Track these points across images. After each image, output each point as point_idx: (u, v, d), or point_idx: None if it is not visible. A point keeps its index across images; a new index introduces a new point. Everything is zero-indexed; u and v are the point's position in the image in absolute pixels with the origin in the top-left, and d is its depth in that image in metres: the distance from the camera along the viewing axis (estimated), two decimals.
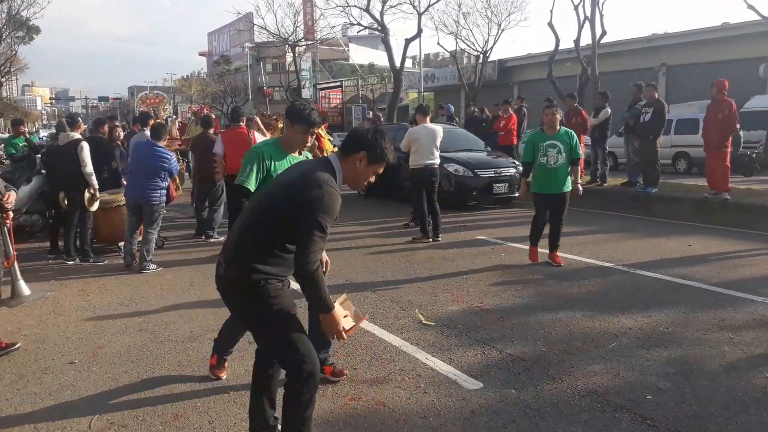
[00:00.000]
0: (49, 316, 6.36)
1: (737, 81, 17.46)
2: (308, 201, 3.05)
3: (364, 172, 3.39)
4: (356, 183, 3.49)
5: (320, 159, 3.48)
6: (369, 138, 3.36)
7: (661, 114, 12.16)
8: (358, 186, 3.58)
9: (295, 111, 4.27)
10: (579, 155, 7.98)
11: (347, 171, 3.37)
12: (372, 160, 3.36)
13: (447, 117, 17.05)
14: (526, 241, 9.53)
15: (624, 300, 6.50)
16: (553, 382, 4.49)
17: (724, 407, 4.06)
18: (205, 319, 6.18)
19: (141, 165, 8.30)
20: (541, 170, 7.98)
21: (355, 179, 3.44)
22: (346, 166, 3.36)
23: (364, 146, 3.34)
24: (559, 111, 8.19)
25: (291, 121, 4.28)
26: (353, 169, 3.36)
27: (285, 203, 3.14)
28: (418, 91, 34.64)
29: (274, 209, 3.20)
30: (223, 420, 3.99)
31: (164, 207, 8.58)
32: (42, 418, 4.10)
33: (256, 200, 3.48)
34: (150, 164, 8.23)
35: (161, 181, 8.29)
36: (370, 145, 3.34)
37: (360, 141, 3.37)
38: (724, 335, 5.38)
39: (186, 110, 34.22)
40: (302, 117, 4.24)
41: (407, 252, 9.13)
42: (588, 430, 3.80)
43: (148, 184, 8.22)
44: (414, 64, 46.13)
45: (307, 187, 3.09)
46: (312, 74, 52.83)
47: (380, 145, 3.35)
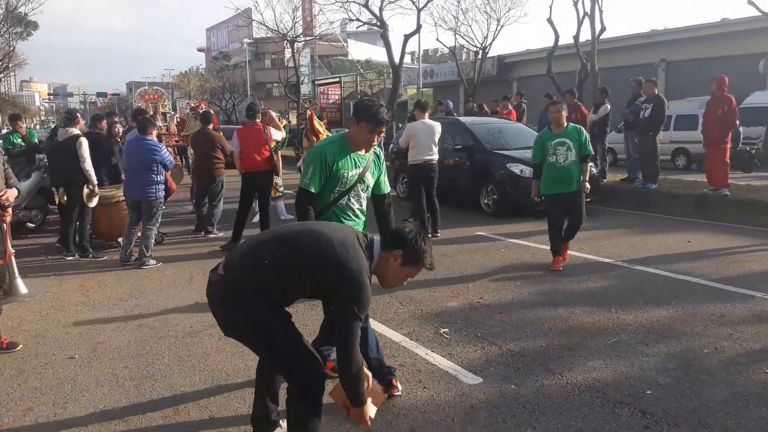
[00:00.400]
0: (49, 311, 6.36)
1: (737, 77, 17.43)
2: (344, 290, 2.96)
3: (396, 271, 3.24)
4: (385, 281, 3.30)
5: (367, 237, 3.27)
6: (410, 237, 3.21)
7: (660, 110, 12.17)
8: (386, 285, 3.36)
9: (362, 107, 4.04)
10: (589, 151, 7.67)
11: (381, 264, 3.23)
12: (407, 262, 3.21)
13: (446, 113, 17.00)
14: (526, 237, 9.57)
15: (623, 296, 6.50)
16: (552, 377, 4.50)
17: (724, 402, 4.07)
18: (205, 314, 6.14)
19: (133, 161, 8.34)
20: (551, 170, 7.66)
21: (385, 277, 3.28)
22: (382, 260, 3.22)
23: (402, 245, 3.20)
24: (564, 107, 7.95)
25: (357, 118, 4.04)
26: (387, 265, 3.22)
27: (318, 272, 3.00)
28: (417, 87, 34.55)
29: (305, 269, 3.02)
30: (223, 414, 4.00)
31: (163, 202, 8.56)
32: (43, 413, 4.11)
33: (291, 236, 3.17)
34: (140, 159, 8.25)
35: (155, 175, 8.28)
36: (408, 245, 3.19)
37: (400, 238, 3.22)
38: (724, 331, 5.39)
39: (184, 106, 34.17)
40: (369, 114, 3.99)
41: None
42: (588, 424, 3.80)
43: (144, 180, 8.23)
44: (413, 59, 46.13)
45: (346, 273, 2.95)
46: (311, 70, 52.83)
47: (420, 248, 3.20)
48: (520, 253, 8.57)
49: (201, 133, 10.86)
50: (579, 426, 3.79)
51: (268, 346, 3.16)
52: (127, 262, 8.35)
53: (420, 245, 3.20)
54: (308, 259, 3.03)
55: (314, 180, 4.05)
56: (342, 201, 4.17)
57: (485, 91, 30.57)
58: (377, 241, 3.27)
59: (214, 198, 10.62)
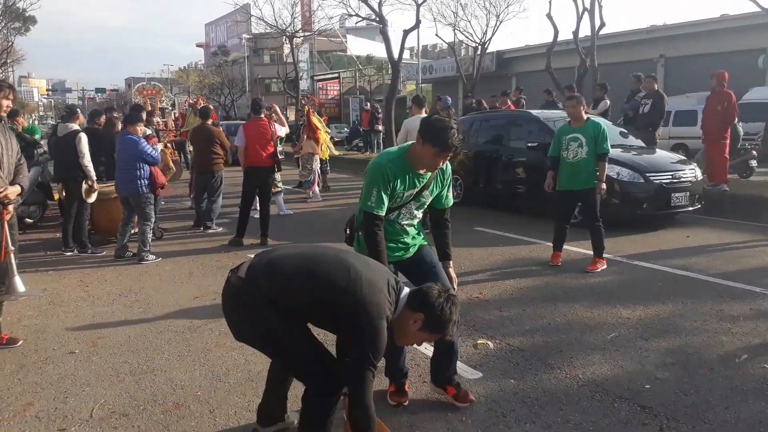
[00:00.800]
0: (48, 306, 6.37)
1: (736, 72, 17.40)
2: (361, 332, 2.87)
3: (414, 334, 3.09)
4: (398, 338, 3.15)
5: (398, 285, 3.11)
6: (436, 304, 3.03)
7: (660, 105, 12.18)
8: (398, 343, 3.22)
9: (432, 128, 3.57)
10: (604, 150, 7.31)
11: (401, 321, 3.06)
12: (427, 328, 3.05)
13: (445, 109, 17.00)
14: (525, 232, 9.58)
15: (623, 291, 6.51)
16: (551, 372, 4.51)
17: (723, 397, 4.08)
18: (204, 309, 6.19)
19: (119, 156, 8.35)
20: (562, 165, 7.52)
21: (400, 335, 3.13)
22: (402, 317, 3.06)
23: (424, 308, 3.03)
24: (581, 101, 7.60)
25: (423, 137, 3.59)
26: (406, 324, 3.07)
27: (339, 307, 2.93)
28: (416, 83, 34.58)
29: (328, 302, 2.96)
30: (223, 409, 4.01)
31: (150, 197, 8.41)
32: (43, 407, 4.11)
33: (324, 263, 3.06)
34: (124, 154, 8.25)
35: (138, 170, 8.19)
36: (431, 312, 3.02)
37: (424, 301, 3.05)
38: (723, 326, 5.40)
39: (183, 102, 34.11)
40: (439, 138, 3.54)
41: None
42: (587, 419, 3.81)
43: (128, 175, 8.21)
44: (412, 55, 46.09)
45: (366, 316, 2.87)
46: (310, 66, 52.77)
47: (444, 317, 3.02)
48: (519, 248, 8.58)
49: (200, 128, 10.88)
50: (578, 420, 3.80)
51: (280, 352, 3.13)
52: (122, 258, 8.35)
53: (445, 313, 3.02)
54: (333, 293, 2.94)
55: (380, 203, 3.66)
56: (390, 215, 3.86)
57: (484, 86, 30.57)
58: (405, 294, 3.10)
59: (213, 193, 10.62)
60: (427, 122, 3.63)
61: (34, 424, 3.88)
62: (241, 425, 3.78)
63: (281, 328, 2.99)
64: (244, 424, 3.74)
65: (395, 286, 3.08)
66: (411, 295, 3.10)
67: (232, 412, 3.94)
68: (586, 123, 7.44)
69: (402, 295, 3.08)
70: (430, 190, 3.90)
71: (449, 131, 3.52)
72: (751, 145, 16.49)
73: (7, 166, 5.04)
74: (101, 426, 3.84)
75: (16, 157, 5.16)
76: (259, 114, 9.65)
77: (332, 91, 47.89)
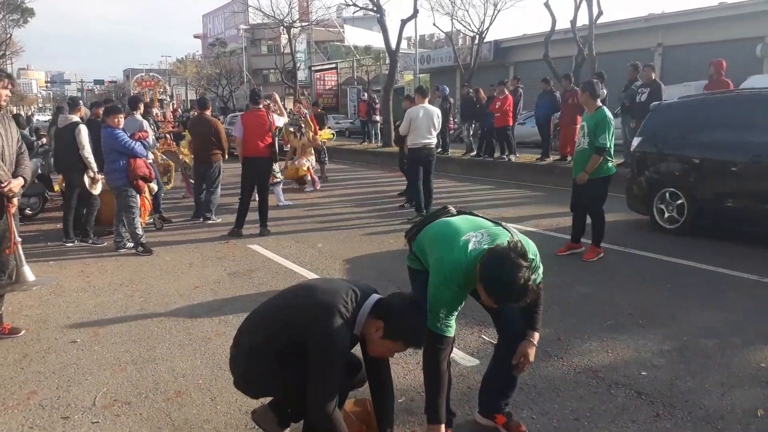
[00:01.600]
0: (50, 297, 6.41)
1: (734, 61, 17.42)
2: (315, 344, 2.88)
3: (377, 343, 2.97)
4: (368, 349, 3.07)
5: (363, 295, 3.05)
6: (395, 310, 2.94)
7: (657, 94, 12.17)
8: (369, 354, 3.10)
9: (494, 278, 2.81)
10: (599, 143, 7.01)
11: (366, 331, 2.99)
12: (387, 335, 2.93)
13: (442, 98, 17.02)
14: (522, 221, 9.63)
15: (620, 279, 6.56)
16: (549, 359, 4.55)
17: (719, 383, 4.12)
18: (205, 298, 6.24)
19: (102, 149, 8.28)
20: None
21: (368, 345, 3.04)
22: (367, 325, 2.98)
23: (383, 314, 2.94)
24: (588, 89, 7.32)
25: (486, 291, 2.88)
26: (369, 333, 2.99)
27: (297, 326, 2.97)
28: (414, 73, 34.46)
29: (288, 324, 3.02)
30: (224, 397, 4.05)
31: (128, 189, 8.21)
32: (47, 395, 4.16)
33: (286, 294, 3.21)
34: (104, 146, 8.19)
35: (117, 162, 8.08)
36: (390, 318, 2.92)
37: (384, 307, 2.98)
38: (719, 313, 5.45)
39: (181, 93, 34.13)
40: (503, 293, 2.82)
41: (402, 233, 9.18)
42: (584, 405, 3.86)
43: (109, 167, 8.17)
44: (409, 45, 45.97)
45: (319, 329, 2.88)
46: (307, 56, 52.66)
47: (405, 324, 2.91)
48: None
49: (199, 118, 10.91)
50: (575, 407, 3.85)
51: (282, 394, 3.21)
52: (121, 249, 8.37)
53: (406, 321, 2.91)
54: (291, 313, 3.03)
55: (451, 321, 3.10)
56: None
57: (482, 76, 30.48)
58: (370, 301, 3.02)
59: (211, 184, 10.62)
60: (490, 270, 2.81)
61: (38, 412, 3.92)
62: (242, 412, 3.82)
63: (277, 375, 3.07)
64: (245, 411, 3.78)
65: (354, 296, 3.03)
66: (376, 302, 3.04)
67: (233, 400, 3.98)
68: (594, 113, 7.21)
69: (365, 305, 3.02)
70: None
71: (519, 284, 2.74)
72: None
73: (9, 156, 5.04)
74: (104, 414, 3.88)
75: (16, 146, 5.15)
76: (258, 105, 9.65)
77: (330, 82, 47.83)
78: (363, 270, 7.15)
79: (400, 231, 9.19)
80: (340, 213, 11.18)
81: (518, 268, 2.71)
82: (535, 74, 23.50)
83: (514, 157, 16.01)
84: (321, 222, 10.37)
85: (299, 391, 2.96)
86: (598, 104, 7.27)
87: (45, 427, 3.75)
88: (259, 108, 9.57)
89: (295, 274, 7.09)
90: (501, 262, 2.76)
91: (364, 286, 3.14)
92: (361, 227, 9.77)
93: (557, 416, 3.74)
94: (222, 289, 6.57)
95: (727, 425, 3.58)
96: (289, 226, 10.03)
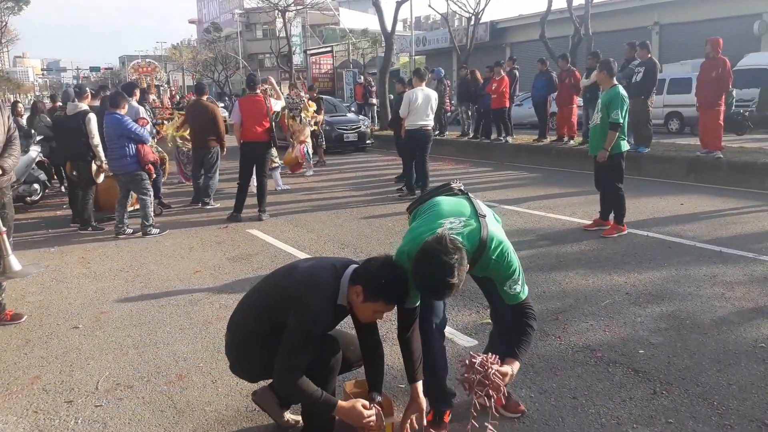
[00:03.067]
0: (52, 283, 6.44)
1: (731, 39, 17.39)
2: (295, 313, 2.95)
3: (362, 307, 3.01)
4: (357, 315, 3.12)
5: (344, 266, 3.11)
6: (368, 272, 2.99)
7: (652, 73, 12.17)
8: (360, 320, 3.15)
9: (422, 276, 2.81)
10: (612, 119, 7.20)
11: (350, 300, 3.04)
12: (367, 298, 2.96)
13: (437, 81, 17.00)
14: (519, 202, 9.66)
15: (617, 258, 6.59)
16: (546, 339, 4.59)
17: (715, 360, 4.16)
18: (205, 283, 6.27)
19: (107, 135, 8.31)
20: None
21: (355, 312, 3.09)
22: (349, 293, 3.02)
23: (361, 279, 2.98)
24: (605, 66, 7.48)
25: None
26: (353, 301, 3.03)
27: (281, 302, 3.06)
28: (410, 55, 34.33)
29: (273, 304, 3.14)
30: (225, 380, 4.08)
31: (140, 173, 8.36)
32: (50, 380, 4.19)
33: (271, 276, 3.33)
34: (111, 132, 8.22)
35: (125, 148, 8.16)
36: (366, 280, 2.96)
37: (361, 271, 3.03)
38: (716, 291, 5.49)
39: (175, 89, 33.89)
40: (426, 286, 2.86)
41: (400, 216, 9.21)
42: (581, 383, 3.90)
43: (116, 153, 8.22)
44: (405, 27, 45.75)
45: (301, 298, 2.97)
46: (302, 40, 52.37)
47: (380, 283, 2.94)
48: (513, 218, 8.64)
49: (196, 103, 10.88)
50: (573, 385, 3.89)
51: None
52: (122, 234, 8.39)
53: (381, 279, 2.93)
54: (276, 296, 3.12)
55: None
56: None
57: (478, 57, 30.33)
58: (348, 271, 3.07)
59: (209, 169, 10.61)
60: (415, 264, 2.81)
61: (41, 397, 3.96)
62: (243, 395, 3.86)
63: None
64: (246, 393, 3.81)
65: (335, 265, 3.11)
66: (353, 270, 3.08)
67: (234, 382, 4.01)
68: (608, 90, 7.38)
69: (346, 272, 3.07)
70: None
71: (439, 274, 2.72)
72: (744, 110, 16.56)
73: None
74: (107, 397, 3.92)
75: (6, 134, 5.09)
76: (255, 89, 9.65)
77: (325, 65, 47.55)
78: (361, 252, 7.17)
79: (398, 214, 9.22)
80: (338, 197, 11.20)
81: (436, 266, 2.69)
82: (531, 55, 23.43)
83: (510, 138, 16.00)
84: (319, 206, 10.39)
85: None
86: (613, 82, 7.41)
87: (49, 410, 3.78)
88: (257, 93, 9.58)
89: (293, 258, 7.11)
90: (422, 258, 2.75)
91: (343, 260, 3.21)
92: (359, 211, 9.80)
93: (555, 395, 3.78)
94: (222, 274, 6.60)
95: (723, 401, 3.62)
96: (287, 210, 10.06)
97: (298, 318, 2.94)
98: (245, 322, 3.21)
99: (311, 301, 2.95)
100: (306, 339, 2.93)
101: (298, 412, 3.46)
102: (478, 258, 3.03)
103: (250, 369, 3.31)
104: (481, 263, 3.07)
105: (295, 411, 3.50)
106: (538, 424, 3.46)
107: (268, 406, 3.43)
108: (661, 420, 3.45)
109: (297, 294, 2.99)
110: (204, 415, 3.69)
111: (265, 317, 3.12)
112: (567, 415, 3.55)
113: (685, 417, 3.47)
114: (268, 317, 3.10)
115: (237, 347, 3.25)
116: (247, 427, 3.57)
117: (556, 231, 7.86)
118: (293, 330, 2.94)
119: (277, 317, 3.04)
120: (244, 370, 3.34)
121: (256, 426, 3.58)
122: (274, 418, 3.48)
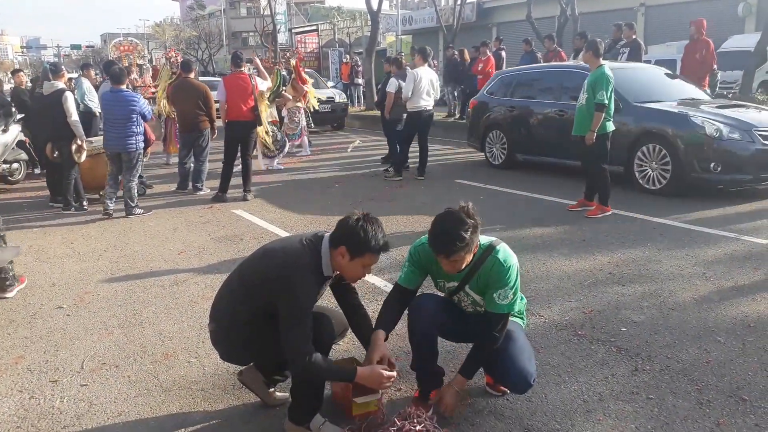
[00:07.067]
0: (34, 263, 6.41)
1: (716, 21, 17.41)
2: (283, 290, 2.98)
3: (349, 266, 3.10)
4: (346, 277, 3.25)
5: (316, 236, 3.17)
6: (347, 230, 3.06)
7: (637, 53, 12.19)
8: (349, 281, 3.32)
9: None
10: (596, 99, 7.21)
11: (334, 261, 3.11)
12: (354, 254, 3.05)
13: None
14: (505, 185, 9.69)
15: (599, 239, 6.64)
16: (530, 318, 4.62)
17: (696, 337, 4.23)
18: (190, 263, 6.27)
19: (112, 113, 8.22)
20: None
21: (344, 273, 3.19)
22: (334, 258, 3.10)
23: (343, 240, 3.05)
24: (591, 47, 7.51)
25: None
26: (339, 262, 3.10)
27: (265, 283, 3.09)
28: (396, 35, 34.21)
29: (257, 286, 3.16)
30: (211, 358, 4.09)
31: (143, 153, 8.51)
32: (35, 360, 4.19)
33: (249, 259, 3.33)
34: (119, 111, 8.14)
35: (135, 126, 8.15)
36: (348, 239, 3.03)
37: (339, 233, 3.09)
38: (697, 270, 5.55)
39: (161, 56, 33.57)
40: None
41: (387, 197, 9.23)
42: (565, 361, 3.95)
43: (124, 132, 8.12)
44: (391, 6, 45.50)
45: (285, 275, 3.00)
46: (287, 18, 51.96)
47: (362, 236, 3.02)
48: (499, 200, 8.68)
49: (184, 82, 10.10)
50: (556, 362, 3.94)
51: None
52: (110, 215, 8.33)
53: (361, 233, 3.02)
54: (258, 279, 3.13)
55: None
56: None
57: (465, 37, 30.25)
58: (325, 241, 3.12)
59: (200, 154, 10.02)
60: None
61: (26, 376, 3.96)
62: (230, 373, 3.87)
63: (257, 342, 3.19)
64: (232, 372, 3.82)
65: (310, 239, 3.15)
66: (330, 236, 3.15)
67: (220, 361, 3.99)
68: (595, 70, 7.41)
69: (323, 242, 3.13)
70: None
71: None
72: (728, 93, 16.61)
73: None
74: (92, 377, 3.93)
75: None
76: (240, 67, 9.55)
77: (311, 44, 47.22)
78: None
79: (384, 195, 9.23)
80: (324, 177, 11.18)
81: (455, 220, 3.05)
82: (518, 35, 23.33)
83: None
84: (305, 186, 10.38)
85: (280, 351, 3.03)
86: (599, 62, 7.43)
87: (34, 390, 3.79)
88: (241, 71, 9.49)
89: (279, 237, 7.11)
90: (444, 214, 3.13)
91: (308, 233, 3.24)
92: (345, 191, 9.79)
93: (538, 372, 3.79)
94: (207, 254, 6.59)
95: (702, 377, 3.69)
96: (273, 190, 10.03)
97: (290, 299, 2.96)
98: (230, 310, 3.21)
99: (298, 280, 2.97)
100: (302, 317, 2.96)
101: (284, 390, 3.49)
102: (485, 257, 3.24)
103: (243, 354, 3.34)
104: (486, 265, 3.23)
105: (282, 389, 3.52)
106: (521, 401, 3.50)
107: (255, 385, 3.46)
108: (642, 396, 3.51)
109: (282, 275, 3.00)
110: (190, 394, 3.71)
111: (250, 303, 3.13)
112: (550, 392, 3.60)
113: (666, 393, 3.53)
114: (254, 303, 3.12)
115: (225, 336, 3.26)
116: (234, 405, 3.59)
117: (540, 211, 7.90)
118: (289, 313, 2.96)
119: (263, 301, 3.07)
120: (238, 355, 3.37)
121: (242, 404, 3.60)
122: (261, 397, 3.51)
